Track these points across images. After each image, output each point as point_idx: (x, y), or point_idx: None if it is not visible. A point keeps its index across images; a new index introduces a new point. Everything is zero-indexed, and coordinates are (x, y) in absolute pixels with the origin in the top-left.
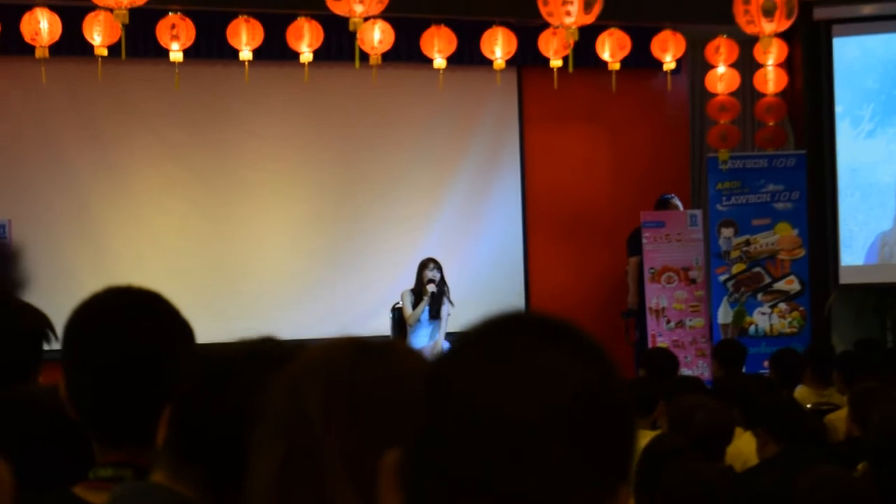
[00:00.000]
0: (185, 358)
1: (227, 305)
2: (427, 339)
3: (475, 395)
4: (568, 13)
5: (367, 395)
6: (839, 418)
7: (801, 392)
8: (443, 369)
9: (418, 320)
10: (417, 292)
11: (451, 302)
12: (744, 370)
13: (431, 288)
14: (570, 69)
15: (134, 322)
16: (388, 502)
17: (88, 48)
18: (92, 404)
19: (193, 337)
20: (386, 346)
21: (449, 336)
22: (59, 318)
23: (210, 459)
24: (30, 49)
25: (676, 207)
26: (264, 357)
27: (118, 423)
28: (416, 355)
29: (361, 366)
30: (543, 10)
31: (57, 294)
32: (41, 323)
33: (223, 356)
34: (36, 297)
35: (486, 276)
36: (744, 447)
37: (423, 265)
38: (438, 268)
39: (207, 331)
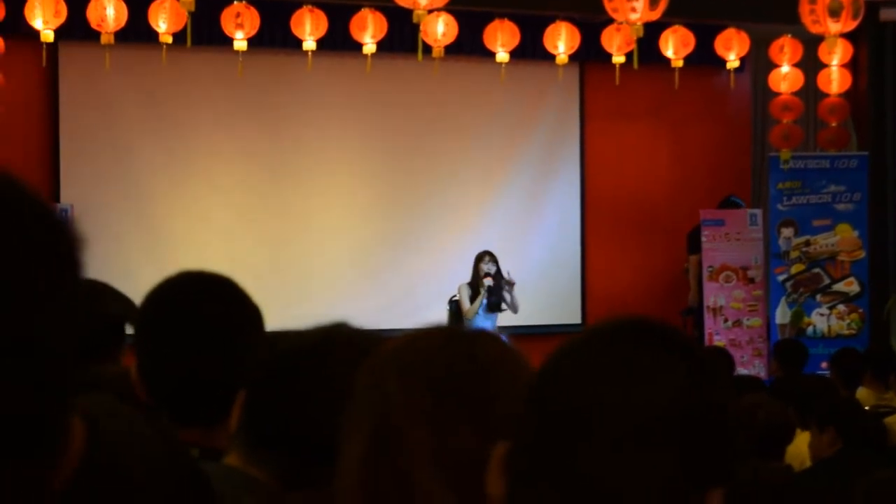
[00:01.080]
0: (259, 344)
1: (285, 294)
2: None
3: (584, 393)
4: (633, 9)
5: (451, 380)
6: None
7: (861, 394)
8: (555, 367)
9: (476, 313)
10: (474, 285)
11: (510, 282)
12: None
13: (488, 282)
14: (636, 65)
15: (206, 306)
16: (493, 488)
17: (153, 35)
18: (163, 386)
19: (263, 322)
20: (472, 334)
21: (504, 329)
22: None
23: (282, 445)
24: (95, 35)
25: (740, 207)
26: (337, 344)
27: (188, 404)
28: (501, 344)
29: (447, 352)
30: (608, 6)
31: (114, 279)
32: (125, 306)
33: (297, 343)
34: None
35: (544, 271)
36: (803, 447)
37: (479, 258)
38: (494, 261)
39: (266, 320)
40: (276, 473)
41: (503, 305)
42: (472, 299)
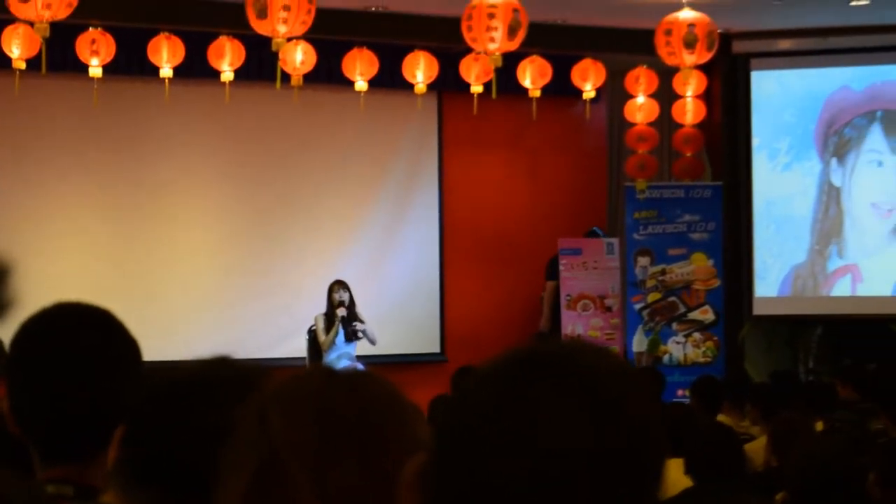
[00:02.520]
0: (138, 377)
1: (143, 326)
2: (346, 361)
3: (489, 440)
4: (492, 39)
5: (336, 418)
6: (755, 448)
7: (721, 421)
8: (458, 410)
9: (333, 343)
10: (330, 315)
11: (360, 320)
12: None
13: (341, 312)
14: (494, 94)
15: (80, 337)
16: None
17: (6, 61)
18: (35, 420)
19: (140, 354)
20: (354, 373)
21: (364, 358)
22: None
23: (162, 481)
24: None
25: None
26: (218, 377)
27: (61, 439)
28: (384, 382)
29: (330, 390)
30: (467, 36)
31: None
32: None
33: (176, 376)
34: None
35: (402, 299)
36: (674, 474)
37: (331, 288)
38: (346, 288)
39: None
40: None
41: (359, 334)
42: (328, 329)
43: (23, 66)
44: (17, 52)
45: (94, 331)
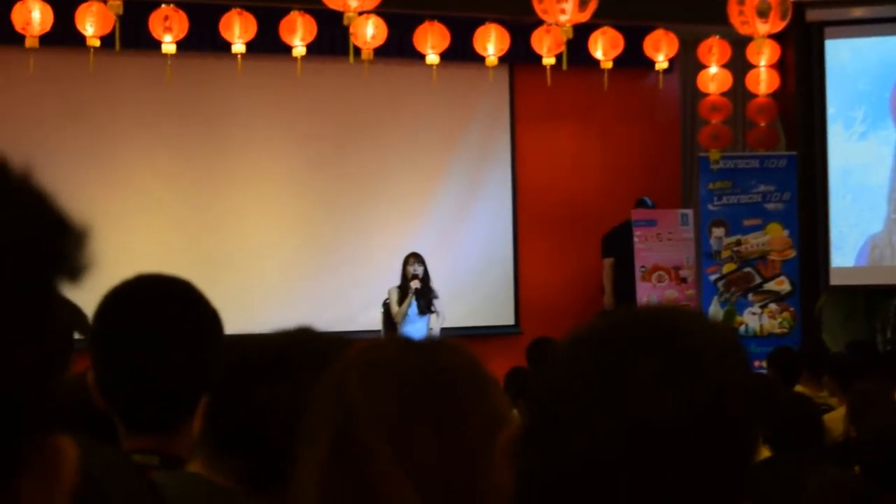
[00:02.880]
0: (220, 348)
1: (216, 299)
2: (421, 335)
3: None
4: (563, 10)
5: (412, 389)
6: (834, 419)
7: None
8: (550, 374)
9: (406, 315)
10: (403, 288)
11: (435, 293)
12: None
13: (415, 284)
14: (565, 66)
15: (162, 309)
16: (499, 475)
17: (80, 39)
18: (119, 391)
19: (221, 325)
20: (433, 342)
21: (445, 331)
22: None
23: (247, 450)
24: (20, 38)
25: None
26: (301, 347)
27: (145, 410)
28: (463, 351)
29: (407, 361)
30: (538, 8)
31: None
32: (72, 312)
33: (261, 346)
34: None
35: (476, 271)
36: None
37: (406, 260)
38: (421, 262)
39: None
40: (240, 479)
41: (435, 308)
42: (401, 302)
43: (97, 43)
44: (91, 30)
45: (175, 302)
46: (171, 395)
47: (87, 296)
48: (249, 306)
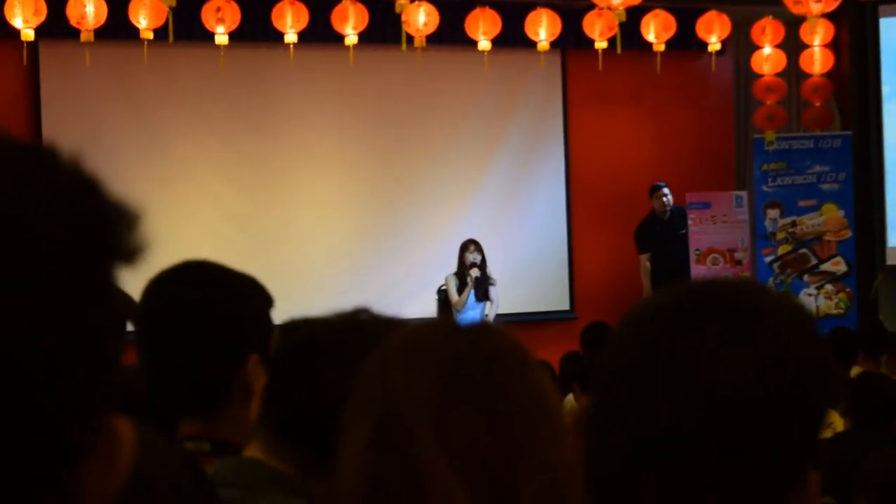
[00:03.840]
0: (282, 331)
1: (272, 287)
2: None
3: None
4: None
5: (456, 372)
6: None
7: (855, 373)
8: (618, 345)
9: (465, 304)
10: (461, 275)
11: (492, 280)
12: None
13: (475, 273)
14: (619, 50)
15: (205, 294)
16: (576, 445)
17: (134, 32)
18: (166, 378)
19: (270, 306)
20: (476, 326)
21: (499, 318)
22: None
23: (306, 434)
24: (75, 33)
25: (665, 196)
26: (358, 329)
27: (192, 395)
28: (507, 335)
29: (451, 344)
30: None
31: None
32: (124, 301)
33: (318, 329)
34: None
35: (530, 257)
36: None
37: (464, 247)
38: (479, 249)
39: None
40: (298, 463)
41: (490, 295)
42: (460, 290)
43: (150, 36)
44: (144, 23)
45: (217, 287)
46: (216, 379)
47: (141, 284)
48: (303, 295)
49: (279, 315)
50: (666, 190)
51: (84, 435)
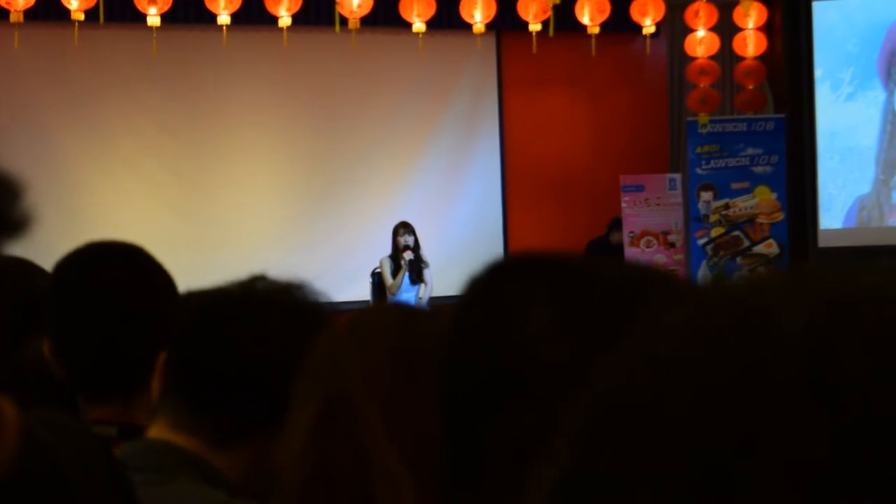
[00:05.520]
0: (178, 301)
1: (203, 270)
2: (411, 303)
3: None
4: None
5: (409, 356)
6: None
7: None
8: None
9: (399, 287)
10: (395, 258)
11: (426, 262)
12: None
13: (408, 256)
14: (552, 33)
15: (117, 274)
16: None
17: (64, 13)
18: (75, 361)
19: (175, 290)
20: (430, 311)
21: (433, 300)
22: None
23: (207, 402)
24: (3, 13)
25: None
26: (257, 293)
27: (103, 378)
28: None
29: (405, 328)
30: None
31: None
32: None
33: (215, 297)
34: None
35: (466, 240)
36: None
37: (395, 230)
38: (411, 231)
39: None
40: (206, 435)
41: (424, 277)
42: (394, 273)
43: (81, 17)
44: (75, 4)
45: (127, 267)
46: (127, 361)
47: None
48: (234, 278)
49: None
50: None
51: None
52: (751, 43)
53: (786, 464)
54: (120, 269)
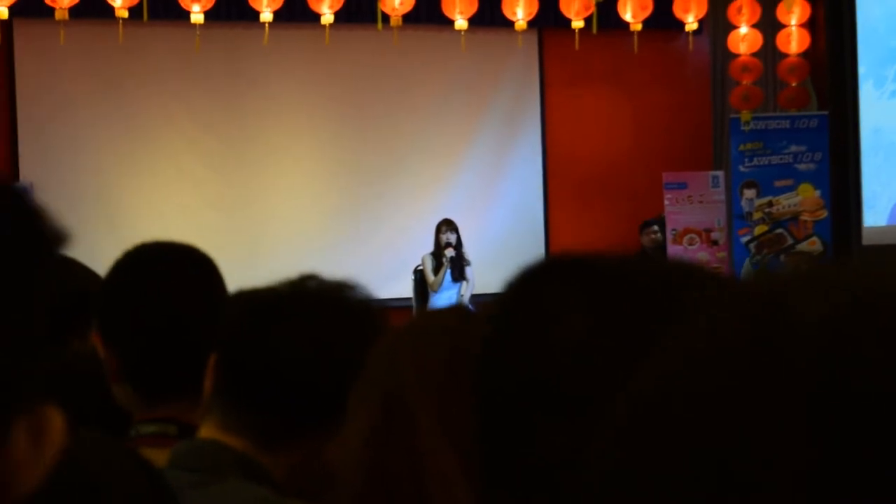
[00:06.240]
0: (229, 300)
1: (245, 267)
2: (453, 301)
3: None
4: None
5: (462, 357)
6: None
7: None
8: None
9: (441, 285)
10: (437, 255)
11: (468, 260)
12: None
13: (450, 253)
14: (594, 30)
15: (172, 275)
16: None
17: (109, 10)
18: (132, 363)
19: (226, 290)
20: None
21: (474, 297)
22: None
23: (259, 402)
24: (49, 11)
25: (655, 233)
26: (308, 293)
27: (160, 378)
28: None
29: (458, 330)
30: None
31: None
32: (93, 282)
33: (266, 297)
34: None
35: (507, 238)
36: None
37: (438, 228)
38: (453, 229)
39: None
40: (254, 436)
41: (466, 275)
42: (436, 270)
43: (125, 14)
44: (119, 2)
45: (180, 266)
46: (180, 361)
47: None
48: (279, 275)
49: None
50: (656, 227)
51: (14, 409)
52: (794, 40)
53: (794, 461)
54: (174, 270)
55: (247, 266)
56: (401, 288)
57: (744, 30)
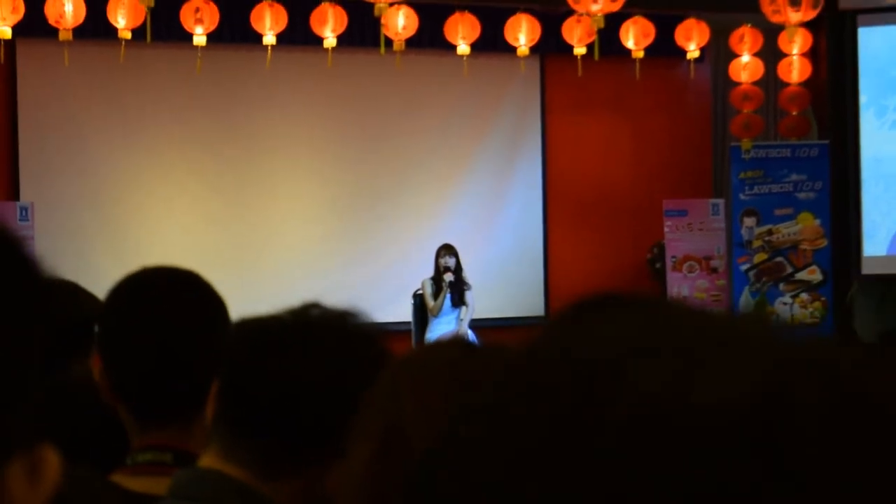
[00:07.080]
0: (231, 328)
1: (246, 289)
2: (452, 326)
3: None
4: (594, 0)
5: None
6: None
7: None
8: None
9: (440, 309)
10: (437, 280)
11: (468, 284)
12: None
13: (449, 277)
14: (596, 56)
15: (172, 300)
16: None
17: (112, 31)
18: (130, 384)
19: (227, 313)
20: (489, 348)
21: (474, 322)
22: None
23: (261, 430)
24: (54, 32)
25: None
26: (311, 322)
27: (157, 404)
28: None
29: (463, 363)
30: None
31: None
32: (92, 305)
33: (268, 324)
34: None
35: (506, 263)
36: None
37: (438, 253)
38: (453, 254)
39: (230, 315)
40: (257, 465)
41: (466, 299)
42: (435, 294)
43: (128, 35)
44: (122, 23)
45: (181, 291)
46: (180, 388)
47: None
48: (279, 297)
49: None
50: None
51: (11, 444)
52: (795, 69)
53: None
54: (175, 294)
55: (247, 287)
56: (400, 311)
57: (745, 58)
